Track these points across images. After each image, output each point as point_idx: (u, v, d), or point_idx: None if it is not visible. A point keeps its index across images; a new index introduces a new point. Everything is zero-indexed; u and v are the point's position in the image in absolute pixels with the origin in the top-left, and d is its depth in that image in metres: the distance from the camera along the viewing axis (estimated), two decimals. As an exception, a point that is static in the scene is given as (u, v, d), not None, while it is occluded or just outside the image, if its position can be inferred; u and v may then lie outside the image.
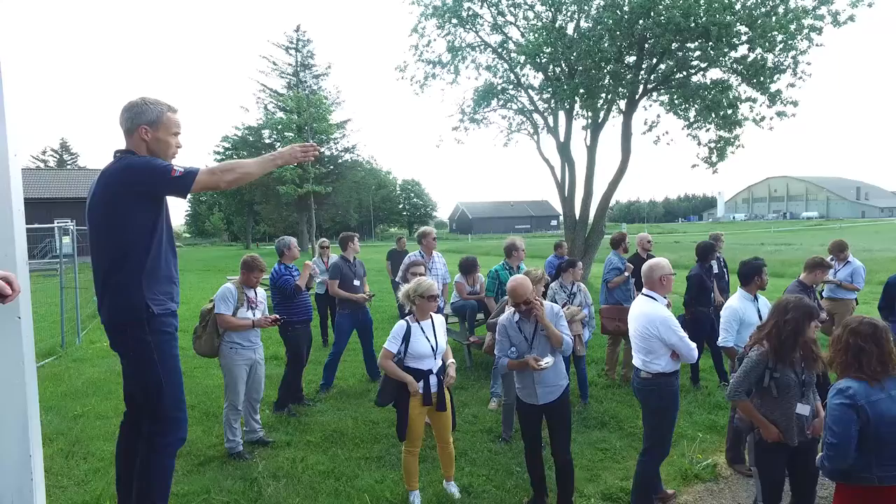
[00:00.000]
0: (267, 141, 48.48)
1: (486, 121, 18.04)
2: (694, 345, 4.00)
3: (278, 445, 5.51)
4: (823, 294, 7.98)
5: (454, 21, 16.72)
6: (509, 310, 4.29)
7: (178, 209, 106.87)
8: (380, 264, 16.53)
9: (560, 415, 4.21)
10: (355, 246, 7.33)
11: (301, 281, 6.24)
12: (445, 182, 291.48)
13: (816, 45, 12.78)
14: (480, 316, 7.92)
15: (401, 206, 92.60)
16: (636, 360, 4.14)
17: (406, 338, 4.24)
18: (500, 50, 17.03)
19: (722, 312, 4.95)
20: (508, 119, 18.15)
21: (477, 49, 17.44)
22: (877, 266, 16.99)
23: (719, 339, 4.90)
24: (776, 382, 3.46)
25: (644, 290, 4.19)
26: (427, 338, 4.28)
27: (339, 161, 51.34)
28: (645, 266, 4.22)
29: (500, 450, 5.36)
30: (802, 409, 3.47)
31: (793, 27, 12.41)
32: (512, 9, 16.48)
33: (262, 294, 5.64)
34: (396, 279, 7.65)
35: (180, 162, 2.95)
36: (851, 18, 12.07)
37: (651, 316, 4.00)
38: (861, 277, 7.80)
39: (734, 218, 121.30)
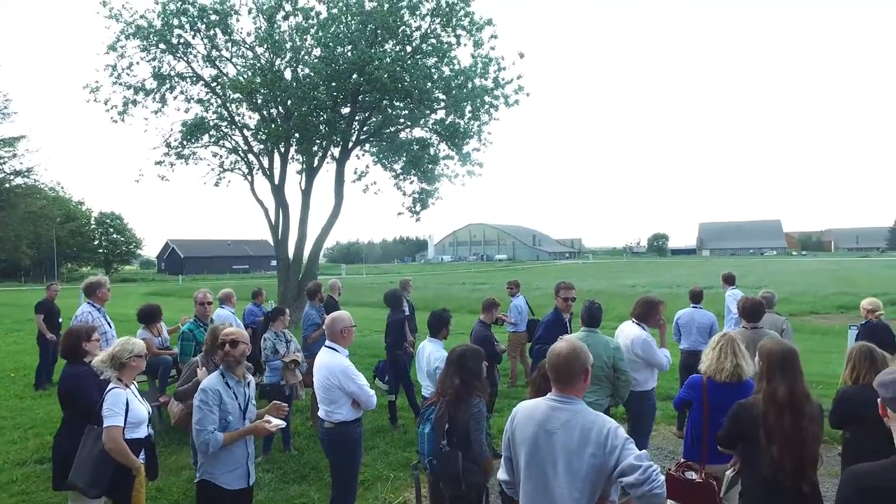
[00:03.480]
0: None
1: (195, 157, 16.85)
2: (373, 392, 4.23)
3: None
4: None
5: (162, 46, 15.42)
6: (211, 374, 3.75)
7: None
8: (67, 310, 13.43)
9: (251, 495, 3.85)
10: None
11: None
12: (154, 217, 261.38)
13: (495, 118, 15.30)
14: (175, 372, 7.15)
15: (96, 242, 79.44)
16: (321, 411, 4.20)
17: (126, 406, 3.63)
18: (213, 84, 16.24)
19: (433, 359, 5.26)
20: (221, 157, 17.28)
21: (188, 80, 16.34)
22: (548, 301, 20.63)
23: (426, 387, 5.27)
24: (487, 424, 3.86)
25: (326, 342, 4.30)
26: (139, 401, 3.80)
27: (8, 186, 42.10)
28: (328, 319, 4.37)
29: (185, 525, 4.84)
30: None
31: (478, 102, 14.65)
32: (229, 45, 15.93)
33: None
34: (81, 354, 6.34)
35: None
36: (517, 102, 14.83)
37: (332, 366, 4.13)
38: (517, 312, 9.41)
39: (442, 259, 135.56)
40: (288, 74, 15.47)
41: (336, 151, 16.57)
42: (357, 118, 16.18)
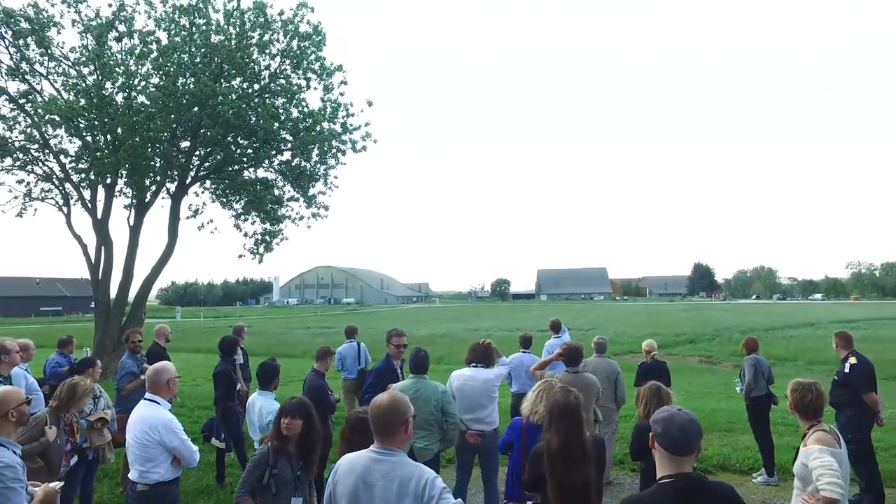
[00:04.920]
0: None
1: (-8, 181, 14.65)
2: (196, 448, 3.95)
3: None
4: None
5: (-54, 47, 13.35)
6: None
7: None
8: None
9: None
10: None
11: None
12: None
13: (342, 163, 15.39)
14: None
15: None
16: (132, 473, 3.82)
17: None
18: (22, 101, 14.38)
19: (265, 413, 4.98)
20: (28, 184, 15.21)
21: (-13, 91, 14.29)
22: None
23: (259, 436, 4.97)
24: (275, 479, 3.67)
25: (147, 395, 3.97)
26: None
27: None
28: (150, 369, 4.06)
29: None
30: (296, 501, 3.77)
31: (325, 146, 14.64)
32: (45, 60, 14.25)
33: None
34: None
35: None
36: (364, 148, 15.09)
37: (152, 420, 3.82)
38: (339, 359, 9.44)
39: (288, 302, 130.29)
40: (120, 100, 14.21)
41: (172, 187, 15.45)
42: (197, 153, 15.31)
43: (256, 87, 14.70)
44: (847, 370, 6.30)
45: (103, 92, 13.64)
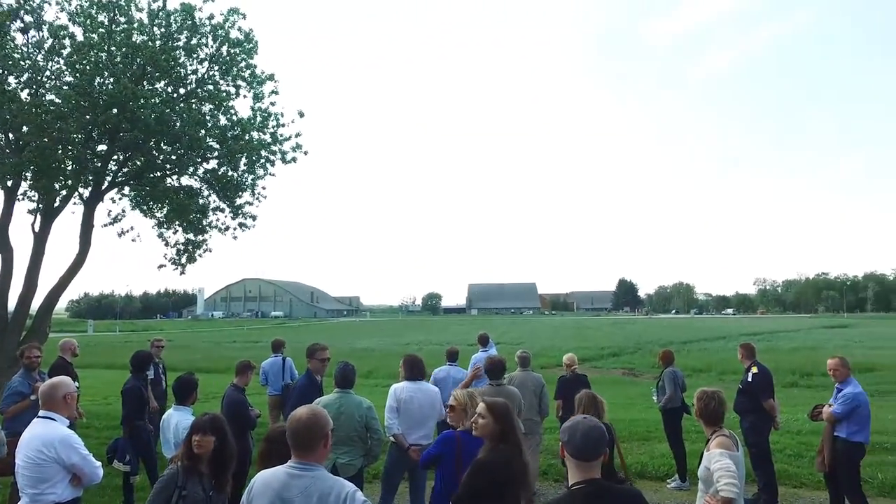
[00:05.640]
0: None
1: None
2: (99, 463, 3.74)
3: None
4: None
5: None
6: None
7: None
8: None
9: None
10: None
11: None
12: None
13: (271, 173, 15.00)
14: None
15: None
16: (23, 500, 3.54)
17: None
18: None
19: (181, 430, 4.79)
20: None
21: None
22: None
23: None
24: (184, 501, 3.50)
25: (41, 412, 3.71)
26: None
27: None
28: (45, 385, 3.81)
29: None
30: None
31: (254, 155, 14.24)
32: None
33: None
34: None
35: None
36: (294, 159, 14.77)
37: (47, 437, 3.57)
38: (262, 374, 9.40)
39: (213, 315, 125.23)
40: (25, 96, 13.18)
41: (86, 192, 14.50)
42: (115, 158, 14.46)
43: (182, 91, 14.11)
44: (750, 379, 6.73)
45: (5, 86, 12.62)
